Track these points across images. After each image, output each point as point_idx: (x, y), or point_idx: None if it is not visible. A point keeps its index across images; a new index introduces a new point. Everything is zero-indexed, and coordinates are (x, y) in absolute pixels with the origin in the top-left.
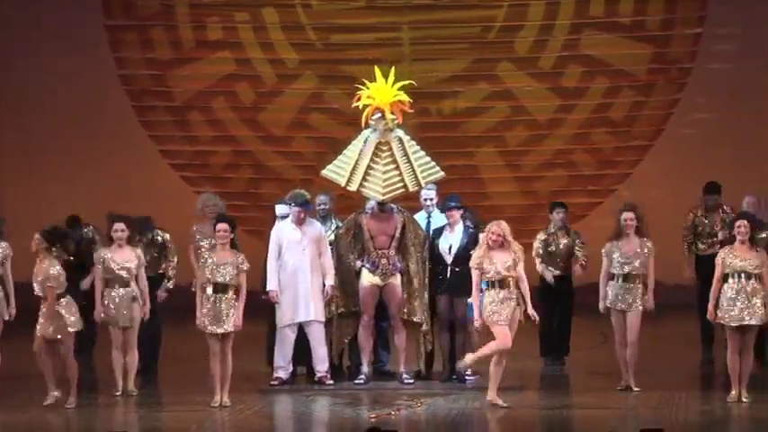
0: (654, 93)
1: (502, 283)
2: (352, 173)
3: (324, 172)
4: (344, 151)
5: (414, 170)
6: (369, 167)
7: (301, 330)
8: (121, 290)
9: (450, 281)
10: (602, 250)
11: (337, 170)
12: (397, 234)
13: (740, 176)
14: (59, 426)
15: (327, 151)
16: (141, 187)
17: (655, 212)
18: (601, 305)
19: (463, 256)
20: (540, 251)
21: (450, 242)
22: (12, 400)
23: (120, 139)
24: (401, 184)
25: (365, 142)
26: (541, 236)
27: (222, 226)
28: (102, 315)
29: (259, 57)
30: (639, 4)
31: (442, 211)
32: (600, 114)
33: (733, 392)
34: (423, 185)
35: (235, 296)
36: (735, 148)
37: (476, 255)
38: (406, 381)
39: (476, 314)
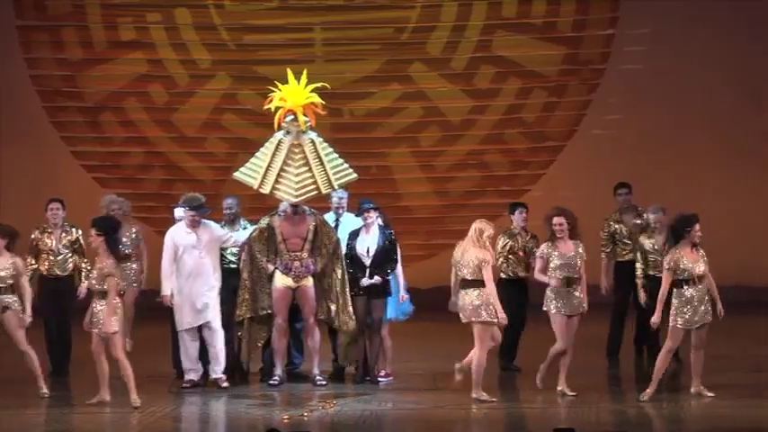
0: (566, 94)
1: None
2: (264, 175)
3: (236, 174)
4: (257, 154)
5: (327, 172)
6: (282, 170)
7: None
8: None
9: (367, 286)
10: (537, 252)
11: (250, 173)
12: (310, 236)
13: (652, 176)
14: None
15: (240, 152)
16: (53, 188)
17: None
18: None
19: (381, 257)
20: (505, 253)
21: (367, 244)
22: None
23: (32, 140)
24: (314, 186)
25: (278, 144)
26: (504, 238)
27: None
28: None
29: (172, 57)
30: (552, 5)
31: (357, 215)
32: (513, 115)
33: (649, 390)
34: (336, 188)
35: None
36: (646, 148)
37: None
38: (318, 382)
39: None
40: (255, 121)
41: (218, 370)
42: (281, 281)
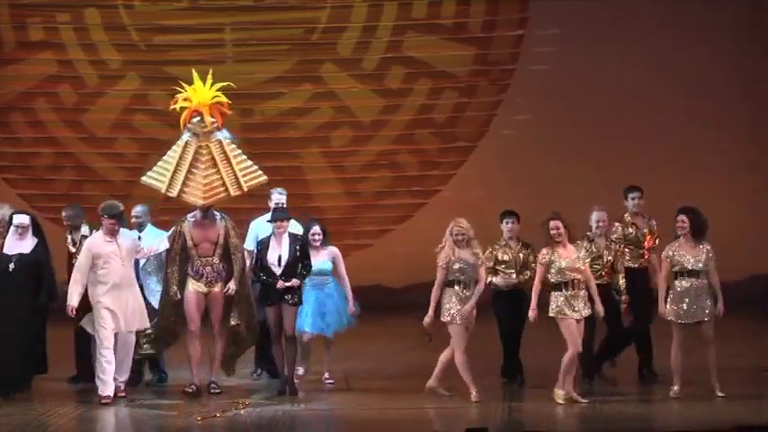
0: (476, 94)
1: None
2: (172, 179)
3: (143, 179)
4: (164, 157)
5: (235, 174)
6: (189, 172)
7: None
8: None
9: (279, 292)
10: (538, 258)
11: (157, 176)
12: (221, 241)
13: (562, 176)
14: None
15: (151, 153)
16: None
17: (478, 213)
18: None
19: (293, 266)
20: (491, 264)
21: (278, 253)
22: None
23: None
24: (223, 189)
25: (185, 147)
26: (493, 247)
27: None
28: None
29: (81, 58)
30: (461, 6)
31: (273, 220)
32: (423, 116)
33: (675, 388)
34: (245, 190)
35: None
36: (556, 148)
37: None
38: (213, 390)
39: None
40: (166, 122)
41: (120, 379)
42: (192, 285)
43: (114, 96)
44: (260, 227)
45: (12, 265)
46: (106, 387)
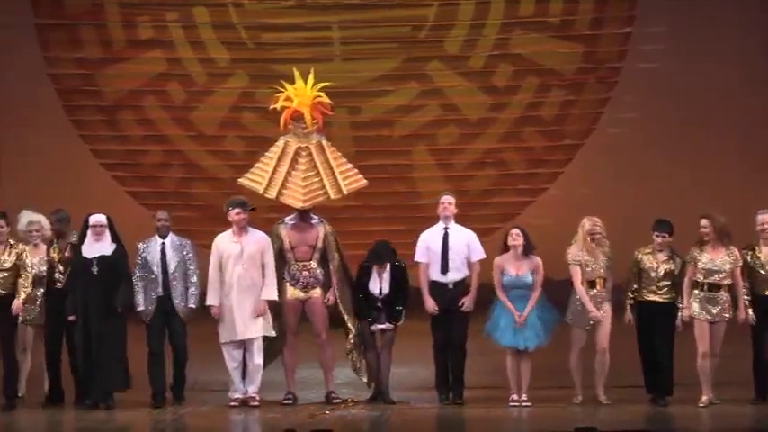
0: (584, 92)
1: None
2: (270, 180)
3: (241, 180)
4: (262, 158)
5: (336, 177)
6: (288, 174)
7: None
8: None
9: (378, 312)
10: (687, 256)
11: (255, 177)
12: (319, 245)
13: (670, 175)
14: None
15: (259, 150)
16: (73, 187)
17: (584, 211)
18: (686, 312)
19: (392, 296)
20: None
21: (379, 286)
22: None
23: (51, 138)
24: (322, 191)
25: (284, 148)
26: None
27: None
28: None
29: (190, 56)
30: (569, 3)
31: (378, 261)
32: (530, 113)
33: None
34: (345, 193)
35: None
36: (663, 146)
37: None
38: (334, 401)
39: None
40: (274, 120)
41: (250, 389)
42: (290, 292)
43: (222, 94)
44: (430, 238)
45: (95, 268)
46: (235, 390)
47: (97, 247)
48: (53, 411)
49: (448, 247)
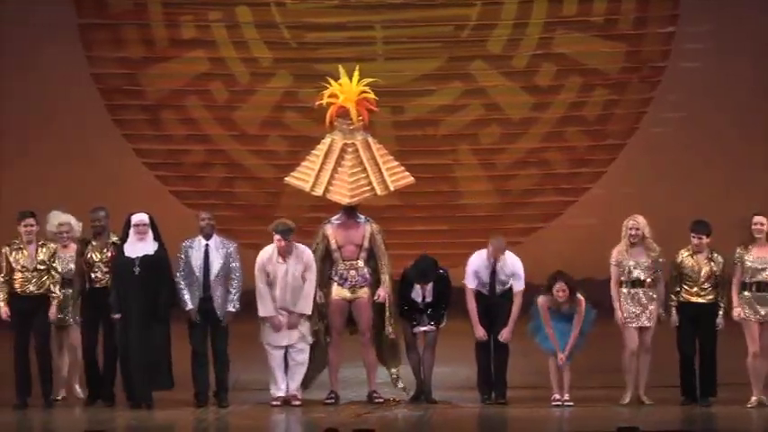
0: (627, 91)
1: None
2: (317, 177)
3: (287, 179)
4: (308, 156)
5: (382, 173)
6: (334, 170)
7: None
8: None
9: (422, 318)
10: (732, 257)
11: (301, 176)
12: (366, 244)
13: (711, 175)
14: None
15: (301, 150)
16: (117, 185)
17: (627, 211)
18: (736, 312)
19: (435, 305)
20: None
21: (422, 295)
22: None
23: (94, 137)
24: (369, 187)
25: (330, 145)
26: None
27: None
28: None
29: (233, 56)
30: (612, 3)
31: (422, 280)
32: (573, 113)
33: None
34: (392, 189)
35: None
36: (706, 146)
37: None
38: (376, 400)
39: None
40: (317, 120)
41: (292, 386)
42: (336, 292)
43: (265, 94)
44: (479, 267)
45: (137, 268)
46: (277, 389)
47: (140, 246)
48: (93, 411)
49: (495, 280)
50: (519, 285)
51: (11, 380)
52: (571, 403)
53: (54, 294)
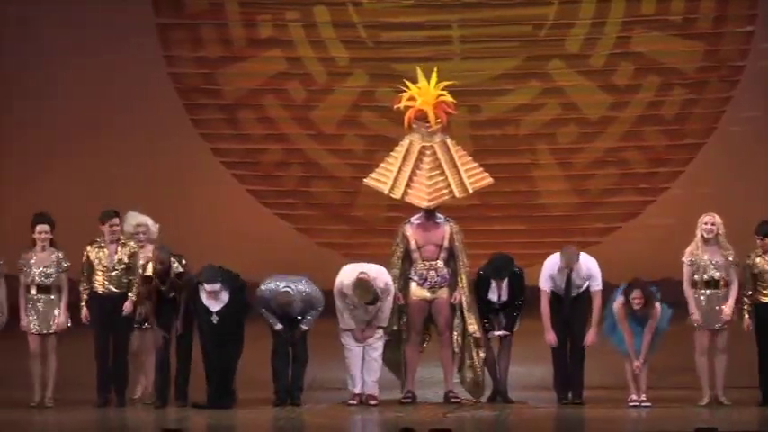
0: (705, 91)
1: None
2: (395, 179)
3: (366, 181)
4: (387, 158)
5: (461, 175)
6: (413, 173)
7: None
8: None
9: (498, 319)
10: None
11: (380, 177)
12: (446, 244)
13: None
14: None
15: (378, 150)
16: (193, 185)
17: (705, 210)
18: None
19: (510, 302)
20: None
21: (498, 294)
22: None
23: (171, 137)
24: (447, 190)
25: (408, 147)
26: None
27: (43, 228)
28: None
29: (310, 55)
30: (691, 2)
31: (497, 277)
32: (651, 112)
33: None
34: (470, 191)
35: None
36: None
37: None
38: (453, 400)
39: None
40: (394, 119)
41: (369, 380)
42: (416, 292)
43: (342, 93)
44: (555, 271)
45: (215, 318)
46: (354, 385)
47: (214, 303)
48: (169, 410)
49: (571, 284)
50: (596, 286)
51: (85, 379)
52: (648, 404)
53: (134, 288)
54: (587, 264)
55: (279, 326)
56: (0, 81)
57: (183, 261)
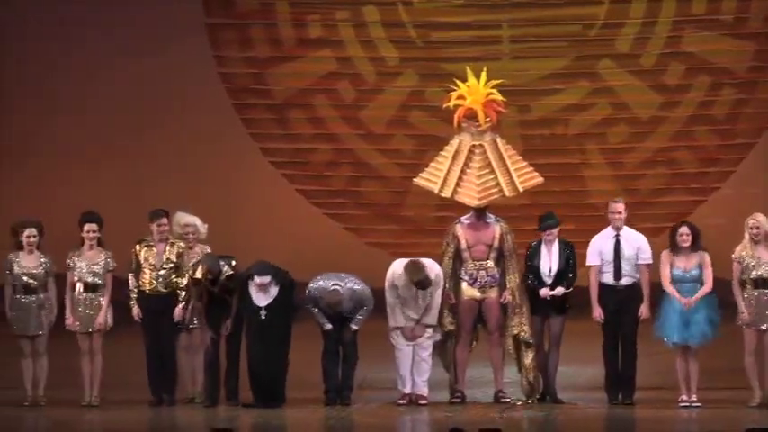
0: (756, 90)
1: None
2: (445, 179)
3: (416, 180)
4: (437, 157)
5: (510, 174)
6: (462, 172)
7: None
8: None
9: (546, 300)
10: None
11: (430, 177)
12: (496, 244)
13: None
14: None
15: (428, 150)
16: (243, 185)
17: (755, 211)
18: None
19: (562, 274)
20: None
21: (549, 263)
22: None
23: (221, 137)
24: (497, 189)
25: (458, 146)
26: None
27: (91, 227)
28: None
29: (359, 55)
30: (742, 1)
31: (542, 229)
32: (702, 112)
33: None
34: (520, 190)
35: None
36: None
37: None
38: (503, 400)
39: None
40: (443, 119)
41: (418, 381)
42: (466, 292)
43: (392, 93)
44: (602, 243)
45: (263, 313)
46: (404, 385)
47: (263, 297)
48: (219, 409)
49: (620, 254)
50: (646, 258)
51: (132, 378)
52: (699, 404)
53: (181, 291)
54: (637, 235)
55: (328, 326)
56: (46, 82)
57: (233, 263)
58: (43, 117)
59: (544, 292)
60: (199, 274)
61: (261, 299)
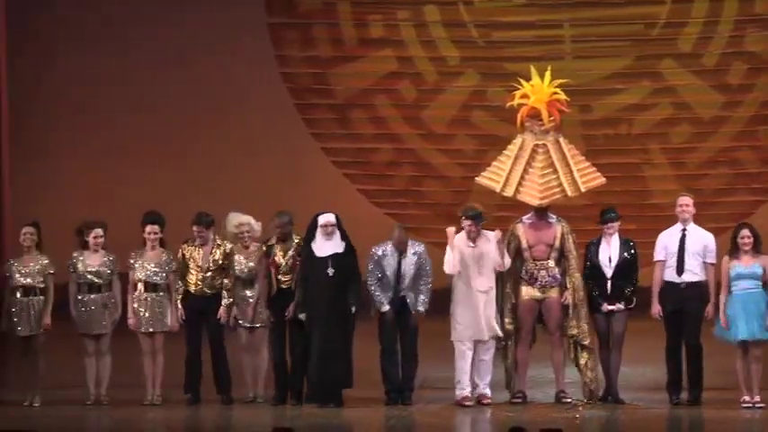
0: None
1: None
2: (507, 178)
3: (478, 179)
4: (499, 156)
5: (573, 175)
6: (525, 171)
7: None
8: None
9: (608, 295)
10: None
11: (492, 176)
12: (557, 244)
13: None
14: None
15: (489, 149)
16: (304, 185)
17: None
18: None
19: (623, 267)
20: None
21: (608, 254)
22: None
23: (283, 136)
24: (559, 189)
25: (521, 146)
26: None
27: (153, 228)
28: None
29: (420, 55)
30: None
31: (603, 222)
32: (764, 112)
33: None
34: (583, 190)
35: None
36: None
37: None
38: (564, 400)
39: None
40: (505, 119)
41: (480, 383)
42: (526, 292)
43: (453, 93)
44: (668, 238)
45: (330, 269)
46: (463, 389)
47: (329, 246)
48: (281, 409)
49: (684, 249)
50: (711, 258)
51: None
52: (762, 405)
53: (228, 291)
54: (705, 233)
55: (386, 307)
56: (103, 83)
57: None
58: (101, 116)
59: (605, 308)
60: (279, 257)
61: (326, 248)
